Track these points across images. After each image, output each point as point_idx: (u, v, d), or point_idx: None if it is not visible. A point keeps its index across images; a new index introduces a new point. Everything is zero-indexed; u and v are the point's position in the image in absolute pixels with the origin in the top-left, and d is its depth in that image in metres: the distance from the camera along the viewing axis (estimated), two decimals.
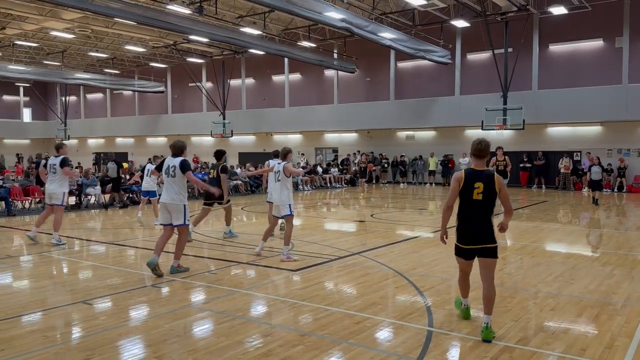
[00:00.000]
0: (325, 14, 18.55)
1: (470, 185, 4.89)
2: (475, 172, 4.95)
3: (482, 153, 4.95)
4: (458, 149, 26.68)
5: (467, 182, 4.90)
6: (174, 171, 7.36)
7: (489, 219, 4.96)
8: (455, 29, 25.83)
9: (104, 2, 17.99)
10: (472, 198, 4.89)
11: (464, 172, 4.97)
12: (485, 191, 4.86)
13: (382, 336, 5.01)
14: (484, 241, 4.92)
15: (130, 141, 41.65)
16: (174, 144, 7.60)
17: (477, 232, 4.92)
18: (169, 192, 7.39)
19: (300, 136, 33.21)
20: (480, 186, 4.85)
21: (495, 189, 4.88)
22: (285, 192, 8.35)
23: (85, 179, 17.33)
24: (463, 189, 4.93)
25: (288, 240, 8.42)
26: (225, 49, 31.86)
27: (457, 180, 4.96)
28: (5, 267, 8.11)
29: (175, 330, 5.11)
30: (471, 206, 4.94)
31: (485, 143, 4.99)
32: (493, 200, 4.93)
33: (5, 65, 31.70)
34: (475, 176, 4.91)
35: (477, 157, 4.97)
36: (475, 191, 4.86)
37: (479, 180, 4.87)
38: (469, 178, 4.92)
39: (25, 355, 4.46)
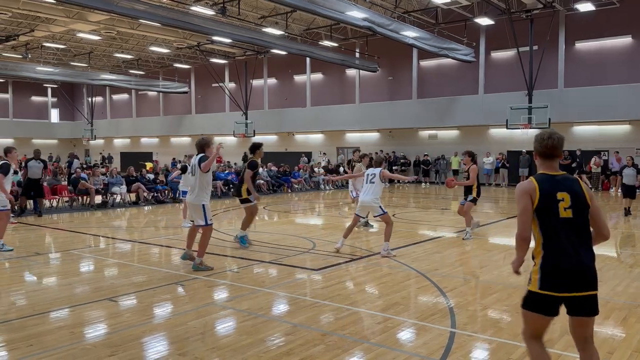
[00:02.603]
0: (347, 13, 18.53)
1: (551, 198, 3.24)
2: (551, 177, 3.32)
3: (555, 152, 3.36)
4: (482, 148, 26.37)
5: (546, 195, 3.25)
6: (194, 169, 7.43)
7: (591, 246, 3.28)
8: (479, 27, 25.54)
9: (129, 3, 18.26)
10: (560, 217, 3.21)
11: (535, 180, 3.31)
12: (575, 204, 3.23)
13: (404, 337, 4.99)
14: (587, 286, 3.19)
15: (155, 141, 42.25)
16: (197, 142, 7.66)
17: (577, 269, 3.17)
18: (191, 191, 7.56)
19: (321, 136, 33.24)
20: (566, 197, 3.23)
21: (586, 200, 3.28)
22: (377, 194, 8.85)
23: (111, 178, 17.64)
24: (541, 207, 3.24)
25: (389, 237, 8.75)
26: (248, 49, 32.07)
27: (527, 192, 3.27)
28: (34, 264, 8.30)
29: (198, 327, 5.17)
30: (561, 230, 3.20)
31: (558, 137, 3.37)
32: (587, 218, 3.29)
33: (34, 67, 32.47)
34: (555, 184, 3.29)
35: (547, 158, 3.38)
36: (561, 205, 3.22)
37: (561, 190, 3.26)
38: (545, 187, 3.27)
39: (52, 350, 4.57)
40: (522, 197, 3.28)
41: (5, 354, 4.55)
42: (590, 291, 3.19)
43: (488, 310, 5.78)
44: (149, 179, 19.03)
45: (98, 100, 43.91)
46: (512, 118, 23.62)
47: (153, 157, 38.56)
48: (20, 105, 43.99)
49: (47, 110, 46.33)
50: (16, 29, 27.09)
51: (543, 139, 3.38)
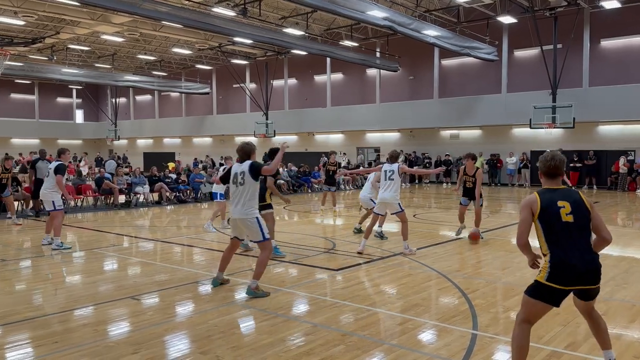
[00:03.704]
0: (368, 13, 18.48)
1: (552, 206, 3.66)
2: (552, 190, 3.79)
3: (557, 171, 3.82)
4: (505, 148, 26.07)
5: (547, 204, 3.68)
6: (242, 178, 6.23)
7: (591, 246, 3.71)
8: (502, 25, 25.21)
9: (152, 5, 18.50)
10: (562, 221, 3.63)
11: (537, 193, 3.76)
12: (575, 210, 3.66)
13: (425, 338, 4.95)
14: (592, 281, 3.62)
15: (177, 141, 42.72)
16: (241, 148, 6.45)
17: (583, 266, 3.57)
18: (238, 204, 6.25)
19: (342, 136, 33.21)
20: (567, 205, 3.66)
21: (586, 206, 3.69)
22: (397, 191, 8.83)
23: (134, 178, 17.90)
24: (543, 215, 3.66)
25: (406, 235, 8.80)
26: (269, 50, 32.22)
27: (529, 205, 3.72)
28: (59, 262, 8.46)
29: (219, 326, 5.21)
30: (564, 232, 3.63)
31: (560, 158, 3.84)
32: (588, 224, 3.69)
33: (59, 69, 33.16)
34: (555, 195, 3.74)
35: (550, 177, 3.85)
36: (562, 211, 3.64)
37: (562, 199, 3.70)
38: (546, 198, 3.71)
39: (77, 347, 4.65)
40: (524, 209, 3.75)
41: (31, 351, 4.65)
42: (594, 285, 3.64)
43: (510, 313, 5.70)
44: (171, 178, 19.26)
45: (122, 101, 44.60)
46: (535, 117, 23.27)
47: (175, 157, 38.99)
48: (45, 106, 44.91)
49: (72, 111, 47.22)
50: (42, 31, 27.66)
51: (547, 160, 3.85)
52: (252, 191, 6.24)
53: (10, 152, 35.93)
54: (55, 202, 9.39)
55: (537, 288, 3.70)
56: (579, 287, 3.63)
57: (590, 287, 3.63)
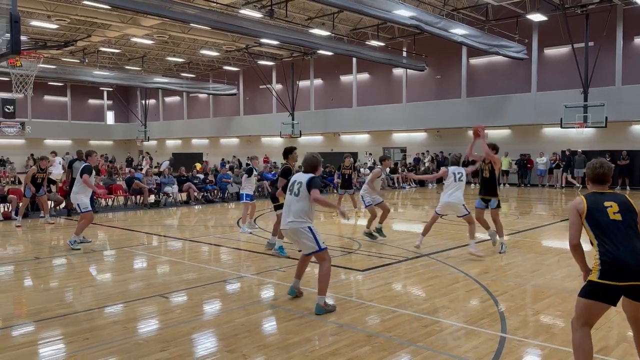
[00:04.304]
0: (395, 12, 18.37)
1: (599, 206, 3.74)
2: (599, 194, 3.86)
3: (605, 178, 3.89)
4: (534, 148, 25.60)
5: (593, 205, 3.75)
6: (299, 189, 5.83)
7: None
8: (532, 23, 24.76)
9: (181, 8, 18.77)
10: (610, 218, 3.68)
11: (584, 196, 3.82)
12: (623, 210, 3.70)
13: (452, 340, 4.89)
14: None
15: (205, 142, 43.25)
16: (308, 159, 6.04)
17: (634, 261, 3.53)
18: (288, 214, 5.88)
19: (367, 136, 33.10)
20: (614, 204, 3.72)
21: (633, 207, 3.74)
22: (462, 193, 8.84)
23: (163, 178, 18.20)
24: (590, 215, 3.72)
25: (474, 235, 8.82)
26: (295, 50, 32.34)
27: (575, 207, 3.79)
28: (90, 261, 8.65)
29: (246, 325, 5.25)
30: (612, 229, 3.66)
31: (608, 166, 3.92)
32: (636, 224, 3.71)
33: (91, 71, 33.95)
34: (602, 197, 3.82)
35: (597, 183, 3.92)
36: (609, 210, 3.71)
37: (608, 200, 3.78)
38: (592, 199, 3.80)
39: (107, 344, 4.74)
40: (571, 212, 3.83)
41: (63, 347, 4.77)
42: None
43: (540, 316, 5.60)
44: (199, 179, 19.50)
45: (151, 103, 45.38)
46: (566, 117, 22.79)
47: (203, 157, 39.47)
48: (78, 108, 46.03)
49: (103, 112, 48.28)
50: (74, 34, 28.34)
51: (595, 167, 3.92)
52: (308, 205, 5.82)
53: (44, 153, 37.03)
54: (80, 205, 9.37)
55: (591, 288, 3.64)
56: (633, 283, 3.51)
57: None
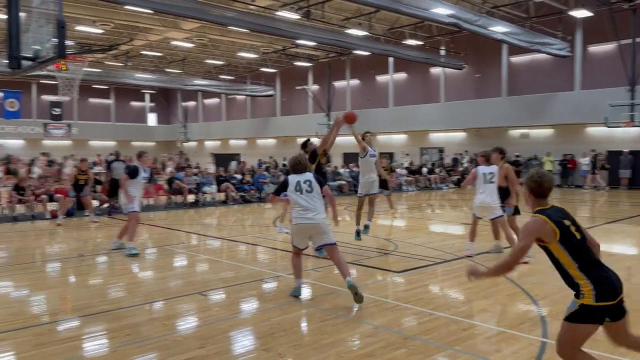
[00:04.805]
0: (433, 11, 18.14)
1: (564, 225, 3.49)
2: (554, 210, 3.59)
3: (549, 192, 3.65)
4: (578, 148, 24.81)
5: (560, 225, 3.47)
6: (310, 185, 6.12)
7: None
8: (575, 20, 24.01)
9: (220, 11, 19.06)
10: (577, 238, 3.51)
11: (545, 216, 3.50)
12: (577, 226, 3.57)
13: (491, 345, 4.79)
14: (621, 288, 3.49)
15: (243, 142, 43.80)
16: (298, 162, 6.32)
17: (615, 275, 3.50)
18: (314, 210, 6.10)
19: (404, 136, 32.81)
20: (569, 222, 3.53)
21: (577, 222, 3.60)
22: (497, 194, 8.46)
23: (202, 178, 18.53)
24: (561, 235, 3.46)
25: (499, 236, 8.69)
26: (331, 51, 32.35)
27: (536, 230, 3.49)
28: (132, 259, 8.87)
29: (282, 324, 5.28)
30: (584, 248, 3.54)
31: (549, 178, 3.66)
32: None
33: (133, 74, 34.92)
34: (558, 214, 3.56)
35: (543, 198, 3.64)
36: (572, 229, 3.52)
37: (564, 218, 3.54)
38: (555, 218, 3.50)
39: (147, 341, 4.86)
40: (530, 235, 3.52)
41: (105, 342, 4.91)
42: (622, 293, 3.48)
43: None
44: (236, 179, 19.76)
45: (191, 105, 46.29)
46: (612, 115, 22.00)
47: (240, 158, 39.99)
48: (121, 110, 47.38)
49: (145, 114, 49.54)
50: (118, 38, 29.17)
51: (534, 179, 3.66)
52: (320, 197, 6.15)
53: (89, 154, 38.26)
54: (127, 204, 9.19)
55: (587, 313, 3.42)
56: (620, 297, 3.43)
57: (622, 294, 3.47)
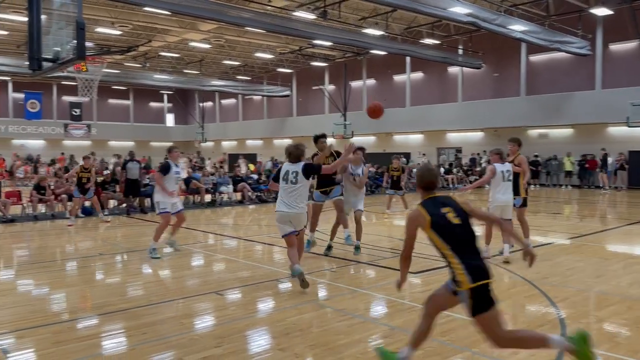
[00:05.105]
0: (450, 10, 18.01)
1: (438, 213, 3.73)
2: (432, 199, 3.87)
3: (431, 185, 3.92)
4: (598, 148, 24.41)
5: (433, 212, 3.74)
6: (295, 177, 6.59)
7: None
8: (596, 18, 23.65)
9: (237, 12, 19.16)
10: (453, 223, 3.70)
11: (421, 205, 3.82)
12: (458, 213, 3.75)
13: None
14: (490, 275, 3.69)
15: (259, 143, 43.97)
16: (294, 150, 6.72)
17: (483, 261, 3.72)
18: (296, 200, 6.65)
19: (421, 136, 32.63)
20: (450, 209, 3.75)
21: (463, 209, 3.78)
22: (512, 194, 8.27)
23: (219, 178, 18.65)
24: (434, 221, 3.69)
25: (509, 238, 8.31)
26: (348, 51, 32.33)
27: (414, 220, 3.78)
28: (149, 257, 8.94)
29: (298, 324, 5.28)
30: (460, 233, 3.71)
31: (429, 172, 3.98)
32: (470, 223, 3.79)
33: (151, 75, 35.30)
34: (436, 203, 3.82)
35: (426, 190, 3.94)
36: (449, 215, 3.73)
37: (444, 206, 3.78)
38: (430, 207, 3.78)
39: (164, 339, 4.89)
40: (409, 224, 3.83)
41: (123, 340, 4.96)
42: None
43: (603, 323, 5.32)
44: (252, 179, 19.85)
45: (208, 105, 46.62)
46: (633, 115, 21.64)
47: (257, 158, 40.14)
48: (139, 111, 47.92)
49: (163, 114, 50.02)
50: (136, 40, 29.50)
51: (424, 174, 4.00)
52: (305, 189, 6.66)
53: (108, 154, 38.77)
54: (160, 203, 8.87)
55: (478, 296, 3.62)
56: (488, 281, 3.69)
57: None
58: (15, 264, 8.85)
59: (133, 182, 15.42)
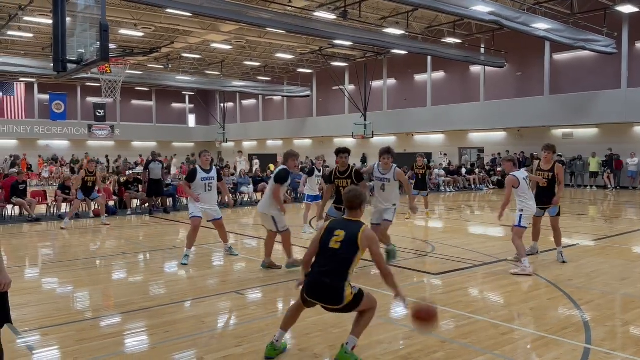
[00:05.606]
0: (472, 8, 17.81)
1: (328, 232, 4.34)
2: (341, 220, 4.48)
3: (352, 204, 4.38)
4: (624, 148, 23.92)
5: (325, 231, 4.37)
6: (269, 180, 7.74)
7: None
8: (622, 15, 23.16)
9: (257, 13, 19.26)
10: (327, 246, 4.30)
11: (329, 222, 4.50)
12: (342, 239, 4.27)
13: (532, 350, 4.66)
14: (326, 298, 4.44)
15: (279, 143, 44.11)
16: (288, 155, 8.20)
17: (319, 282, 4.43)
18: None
19: (442, 136, 32.36)
20: (338, 233, 4.25)
21: (357, 243, 4.26)
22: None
23: (239, 178, 18.76)
24: (321, 238, 4.41)
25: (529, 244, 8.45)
26: (368, 51, 32.23)
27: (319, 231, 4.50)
28: (171, 257, 9.05)
29: (317, 325, 5.27)
30: (325, 253, 4.34)
31: (351, 194, 4.38)
32: (350, 256, 4.30)
33: (174, 76, 35.68)
34: (338, 225, 4.39)
35: (349, 209, 4.44)
36: (333, 239, 4.27)
37: (338, 229, 4.31)
38: (330, 225, 4.41)
39: (185, 338, 4.94)
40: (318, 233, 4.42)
41: (145, 338, 5.02)
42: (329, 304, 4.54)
43: (630, 327, 5.21)
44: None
45: (229, 106, 46.93)
46: None
47: (277, 158, 40.28)
48: (162, 112, 48.49)
49: (185, 115, 50.53)
50: (159, 41, 29.87)
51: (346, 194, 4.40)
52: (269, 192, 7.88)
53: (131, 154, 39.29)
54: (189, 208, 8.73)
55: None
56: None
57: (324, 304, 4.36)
58: (40, 263, 9.03)
59: (156, 182, 15.63)
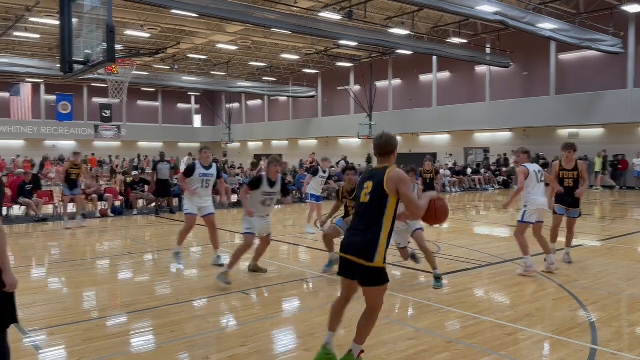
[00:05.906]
0: (478, 8, 17.77)
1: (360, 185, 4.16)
2: (372, 170, 4.22)
3: (379, 150, 4.13)
4: (631, 148, 23.79)
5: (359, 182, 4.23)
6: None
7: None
8: (628, 15, 23.05)
9: (263, 14, 19.28)
10: (359, 201, 4.12)
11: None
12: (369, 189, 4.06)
13: (537, 350, 4.65)
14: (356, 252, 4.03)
15: (285, 143, 44.17)
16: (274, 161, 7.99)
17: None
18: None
19: (448, 136, 32.29)
20: (367, 185, 4.03)
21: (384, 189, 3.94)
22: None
23: (245, 178, 18.79)
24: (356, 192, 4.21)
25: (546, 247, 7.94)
26: (373, 51, 32.21)
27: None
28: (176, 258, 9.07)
29: (323, 325, 5.27)
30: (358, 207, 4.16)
31: (381, 139, 4.13)
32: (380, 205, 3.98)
33: (180, 77, 35.80)
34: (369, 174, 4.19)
35: (378, 156, 4.18)
36: (363, 191, 4.07)
37: (368, 180, 4.09)
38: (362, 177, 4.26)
39: (191, 337, 4.96)
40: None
41: (151, 338, 5.04)
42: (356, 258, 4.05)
43: (636, 328, 5.19)
44: None
45: (235, 106, 47.04)
46: None
47: (283, 158, 40.34)
48: (168, 112, 48.65)
49: (191, 116, 50.67)
50: (165, 42, 29.97)
51: (375, 139, 4.17)
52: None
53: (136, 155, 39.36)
54: (185, 204, 8.70)
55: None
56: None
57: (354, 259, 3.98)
58: (46, 263, 9.09)
59: (163, 183, 15.70)
